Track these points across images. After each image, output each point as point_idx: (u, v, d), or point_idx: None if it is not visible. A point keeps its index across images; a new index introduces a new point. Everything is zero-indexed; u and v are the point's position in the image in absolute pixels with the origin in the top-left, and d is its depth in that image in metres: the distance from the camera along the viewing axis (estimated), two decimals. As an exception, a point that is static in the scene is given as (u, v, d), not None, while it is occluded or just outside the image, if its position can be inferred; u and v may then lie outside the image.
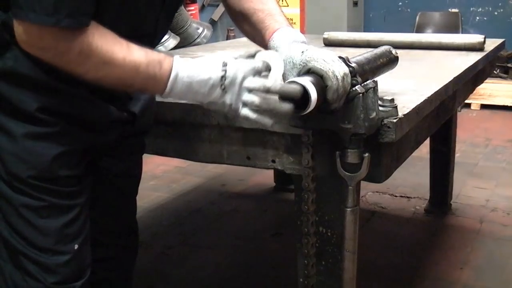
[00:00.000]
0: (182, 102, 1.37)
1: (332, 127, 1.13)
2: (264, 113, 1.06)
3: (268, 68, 1.07)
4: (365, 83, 1.12)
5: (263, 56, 1.11)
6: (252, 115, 1.06)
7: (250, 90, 1.05)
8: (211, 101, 1.07)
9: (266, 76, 1.07)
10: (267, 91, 1.04)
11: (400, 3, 6.15)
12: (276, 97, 1.04)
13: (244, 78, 1.04)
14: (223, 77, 1.04)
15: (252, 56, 1.11)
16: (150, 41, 1.25)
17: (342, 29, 5.17)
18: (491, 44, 2.33)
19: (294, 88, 1.02)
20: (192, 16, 4.00)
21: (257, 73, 1.06)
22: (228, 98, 1.06)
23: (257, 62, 1.07)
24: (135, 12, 1.12)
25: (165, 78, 1.04)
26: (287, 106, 1.03)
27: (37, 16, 0.95)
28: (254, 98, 1.05)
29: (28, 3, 0.95)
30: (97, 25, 1.01)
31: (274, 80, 1.05)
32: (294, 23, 5.44)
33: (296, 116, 1.11)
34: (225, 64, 1.05)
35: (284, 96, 1.03)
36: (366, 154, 1.14)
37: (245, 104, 1.05)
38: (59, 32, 0.97)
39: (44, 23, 0.95)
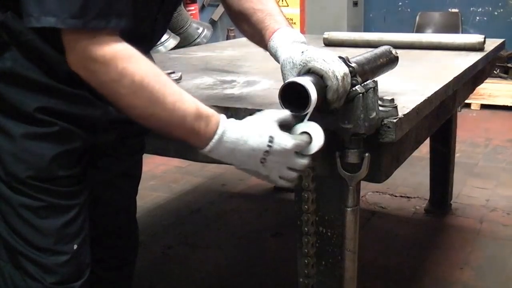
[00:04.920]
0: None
1: (332, 127, 1.13)
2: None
3: (309, 142, 1.06)
4: (365, 83, 1.12)
5: (304, 127, 1.08)
6: (288, 184, 1.09)
7: (291, 168, 1.05)
8: (247, 168, 1.06)
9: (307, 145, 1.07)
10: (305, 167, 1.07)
11: (400, 3, 6.15)
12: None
13: (287, 157, 1.04)
14: (267, 152, 1.02)
15: (293, 124, 1.07)
16: (149, 41, 1.25)
17: (342, 29, 5.17)
18: (491, 44, 2.33)
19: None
20: (192, 16, 4.00)
21: (300, 149, 1.05)
22: (266, 171, 1.05)
23: (301, 139, 1.05)
24: (133, 12, 1.11)
25: (208, 137, 1.01)
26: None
27: (58, 20, 0.91)
28: (293, 176, 1.07)
29: (45, 8, 0.91)
30: (152, 63, 0.99)
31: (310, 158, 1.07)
32: (294, 23, 5.44)
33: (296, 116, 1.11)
34: (271, 140, 1.02)
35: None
36: (366, 154, 1.14)
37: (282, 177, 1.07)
38: (108, 52, 0.94)
39: (70, 26, 0.91)
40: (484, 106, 5.39)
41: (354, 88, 1.08)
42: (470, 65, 1.85)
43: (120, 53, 0.97)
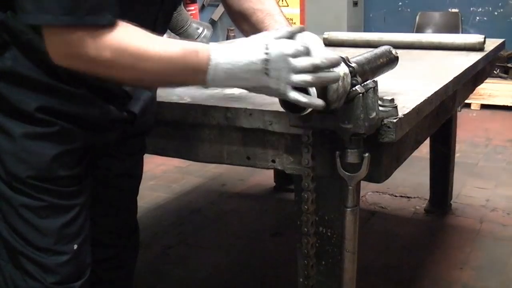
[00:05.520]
0: (182, 102, 1.37)
1: (332, 127, 1.13)
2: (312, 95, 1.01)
3: (308, 50, 1.02)
4: (365, 83, 1.12)
5: (302, 38, 1.06)
6: (303, 98, 1.01)
7: (298, 71, 1.00)
8: (255, 86, 1.02)
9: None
10: (317, 68, 1.00)
11: (400, 3, 6.15)
12: (324, 72, 1.01)
13: (288, 61, 0.99)
14: (266, 61, 0.99)
15: (292, 36, 1.05)
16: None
17: (342, 29, 5.17)
18: (491, 44, 2.33)
19: (337, 57, 1.02)
20: (192, 16, 3.99)
21: (299, 55, 1.00)
22: (273, 83, 1.00)
23: (299, 44, 1.01)
24: (133, 11, 1.11)
25: (204, 68, 0.98)
26: (335, 74, 1.02)
27: (54, 17, 0.90)
28: (306, 78, 0.99)
29: (42, 5, 0.90)
30: (124, 22, 0.97)
31: (320, 57, 1.01)
32: (294, 23, 5.44)
33: (296, 116, 1.11)
34: (267, 47, 0.99)
35: (334, 66, 1.02)
36: (366, 154, 1.14)
37: (292, 87, 1.01)
38: (84, 32, 0.93)
39: (65, 23, 0.91)
40: (484, 106, 5.39)
41: (354, 88, 1.08)
42: (470, 65, 1.86)
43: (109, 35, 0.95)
